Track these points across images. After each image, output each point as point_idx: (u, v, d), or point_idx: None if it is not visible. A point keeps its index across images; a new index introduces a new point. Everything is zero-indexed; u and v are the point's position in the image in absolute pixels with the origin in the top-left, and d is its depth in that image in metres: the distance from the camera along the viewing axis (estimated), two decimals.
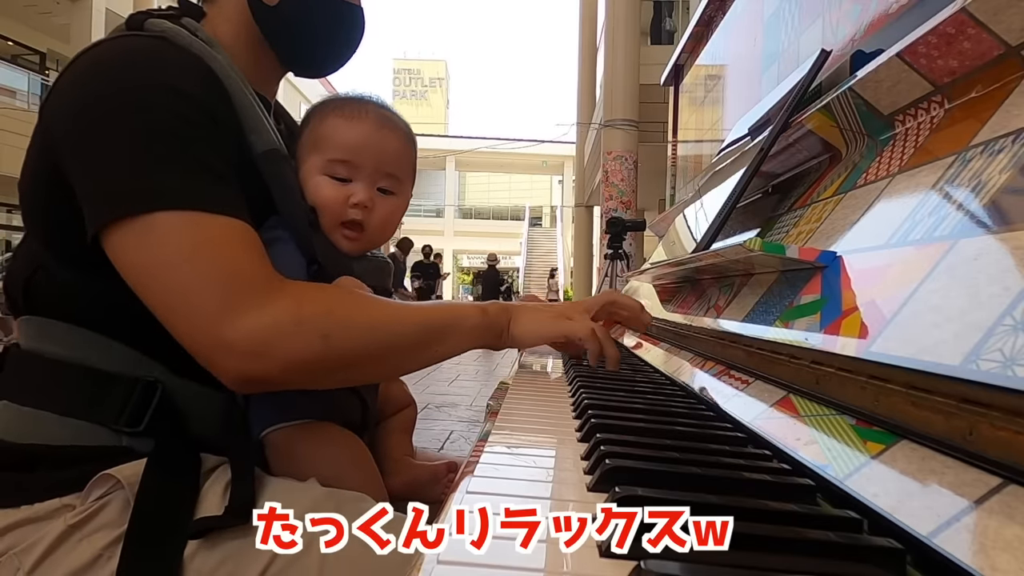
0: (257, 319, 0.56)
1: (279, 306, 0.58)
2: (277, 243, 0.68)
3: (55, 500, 0.59)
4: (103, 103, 0.58)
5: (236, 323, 0.56)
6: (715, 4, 1.61)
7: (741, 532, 0.28)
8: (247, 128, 0.67)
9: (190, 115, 0.60)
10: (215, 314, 0.56)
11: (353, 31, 0.78)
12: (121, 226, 0.56)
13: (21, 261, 0.65)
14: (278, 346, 0.57)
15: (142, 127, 0.58)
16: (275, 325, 0.57)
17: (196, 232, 0.57)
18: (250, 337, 0.56)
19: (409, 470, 0.82)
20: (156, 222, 0.56)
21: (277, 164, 0.68)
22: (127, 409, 0.61)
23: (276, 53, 0.75)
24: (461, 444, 3.13)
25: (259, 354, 0.56)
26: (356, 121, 0.73)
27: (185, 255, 0.56)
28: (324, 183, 0.72)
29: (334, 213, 0.72)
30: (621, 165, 6.44)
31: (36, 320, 0.64)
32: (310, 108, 0.79)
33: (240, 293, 0.57)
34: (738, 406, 0.53)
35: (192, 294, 0.56)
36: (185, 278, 0.56)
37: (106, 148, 0.58)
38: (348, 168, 0.72)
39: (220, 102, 0.64)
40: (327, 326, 0.59)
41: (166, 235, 0.56)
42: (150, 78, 0.60)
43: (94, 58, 0.61)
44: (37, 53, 13.37)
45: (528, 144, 28.50)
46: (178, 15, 0.68)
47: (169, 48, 0.63)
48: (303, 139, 0.75)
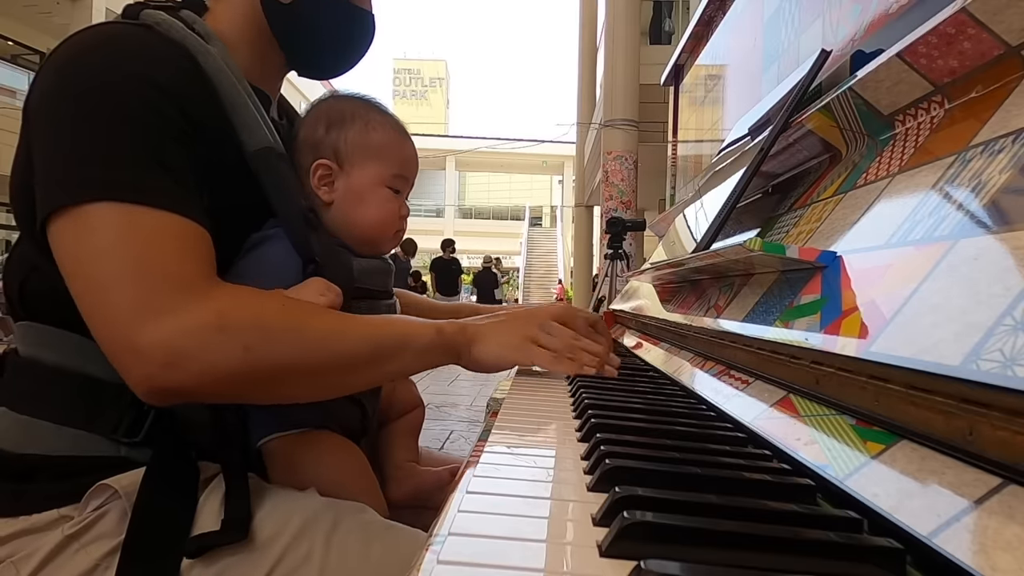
0: (172, 325, 0.52)
1: (199, 312, 0.53)
2: (271, 241, 0.67)
3: (53, 511, 0.58)
4: (67, 88, 0.57)
5: (149, 327, 0.52)
6: (715, 4, 1.61)
7: (741, 532, 0.28)
8: (238, 126, 0.65)
9: (159, 108, 0.57)
10: (128, 315, 0.52)
11: (363, 36, 0.77)
12: (60, 215, 0.54)
13: (16, 264, 0.63)
14: (193, 356, 0.52)
15: (104, 116, 0.56)
16: (191, 333, 0.52)
17: (127, 225, 0.54)
18: (162, 344, 0.52)
19: (414, 478, 0.81)
20: (90, 212, 0.53)
21: (270, 162, 0.66)
22: (125, 419, 0.60)
23: (284, 52, 0.74)
24: (461, 444, 3.13)
25: (171, 364, 0.52)
26: (404, 136, 0.77)
27: (109, 248, 0.53)
28: (389, 196, 0.75)
29: (393, 225, 0.76)
30: (621, 165, 6.43)
31: (33, 326, 0.62)
32: (331, 104, 0.76)
33: (158, 294, 0.53)
34: (738, 406, 0.53)
35: (108, 290, 0.52)
36: (104, 272, 0.53)
37: (62, 135, 0.56)
38: (402, 182, 0.76)
39: (202, 100, 0.62)
40: (250, 337, 0.54)
41: (96, 226, 0.53)
42: (124, 67, 0.58)
43: (73, 45, 0.60)
44: (37, 53, 13.36)
45: (528, 144, 28.49)
46: (177, 8, 0.67)
47: (151, 38, 0.61)
48: (346, 141, 0.73)
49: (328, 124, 0.74)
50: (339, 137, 0.73)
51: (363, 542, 0.59)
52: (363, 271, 0.73)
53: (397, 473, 0.81)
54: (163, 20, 0.63)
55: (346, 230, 0.74)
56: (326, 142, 0.73)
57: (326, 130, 0.73)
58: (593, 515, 0.33)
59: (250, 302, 0.58)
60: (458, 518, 0.32)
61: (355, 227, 0.74)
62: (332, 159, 0.73)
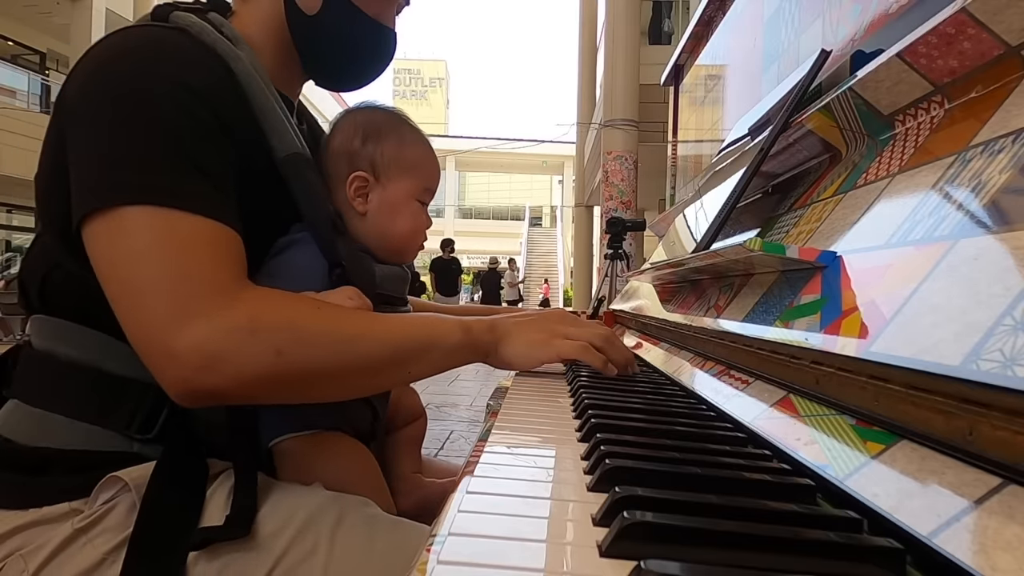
0: (207, 328, 0.53)
1: (232, 316, 0.54)
2: (298, 245, 0.68)
3: (64, 504, 0.58)
4: (105, 90, 0.57)
5: (184, 331, 0.52)
6: (715, 4, 1.61)
7: (741, 532, 0.28)
8: (268, 131, 0.65)
9: (192, 111, 0.58)
10: (164, 319, 0.53)
11: (384, 54, 0.78)
12: (95, 218, 0.55)
13: (37, 258, 0.63)
14: (227, 359, 0.53)
15: (142, 120, 0.56)
16: (225, 336, 0.53)
17: (162, 230, 0.54)
18: (197, 348, 0.52)
19: (419, 489, 0.81)
20: (126, 216, 0.54)
21: (299, 168, 0.67)
22: (139, 415, 0.60)
23: (303, 62, 0.74)
24: (461, 444, 3.13)
25: (205, 367, 0.52)
26: (432, 151, 0.79)
27: (145, 252, 0.54)
28: (419, 209, 0.77)
29: (421, 237, 0.78)
30: (621, 165, 6.44)
31: (51, 320, 0.63)
32: (366, 115, 0.77)
33: (193, 298, 0.53)
34: (738, 406, 0.53)
35: (144, 294, 0.53)
36: (140, 276, 0.53)
37: (100, 138, 0.56)
38: (430, 195, 0.79)
39: (235, 102, 0.63)
40: (282, 340, 0.55)
41: (132, 230, 0.54)
42: (161, 70, 0.58)
43: (109, 47, 0.60)
44: (37, 53, 13.38)
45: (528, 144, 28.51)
46: (205, 9, 0.67)
47: (186, 42, 0.62)
48: (383, 155, 0.74)
49: (364, 136, 0.75)
50: (376, 151, 0.74)
51: (367, 536, 0.59)
52: (384, 277, 0.74)
53: (402, 485, 0.81)
54: (194, 23, 0.63)
55: (377, 240, 0.75)
56: (362, 154, 0.74)
57: (362, 142, 0.75)
58: (593, 515, 0.33)
59: (282, 305, 0.58)
60: (458, 518, 0.32)
61: (387, 238, 0.76)
62: (368, 172, 0.74)
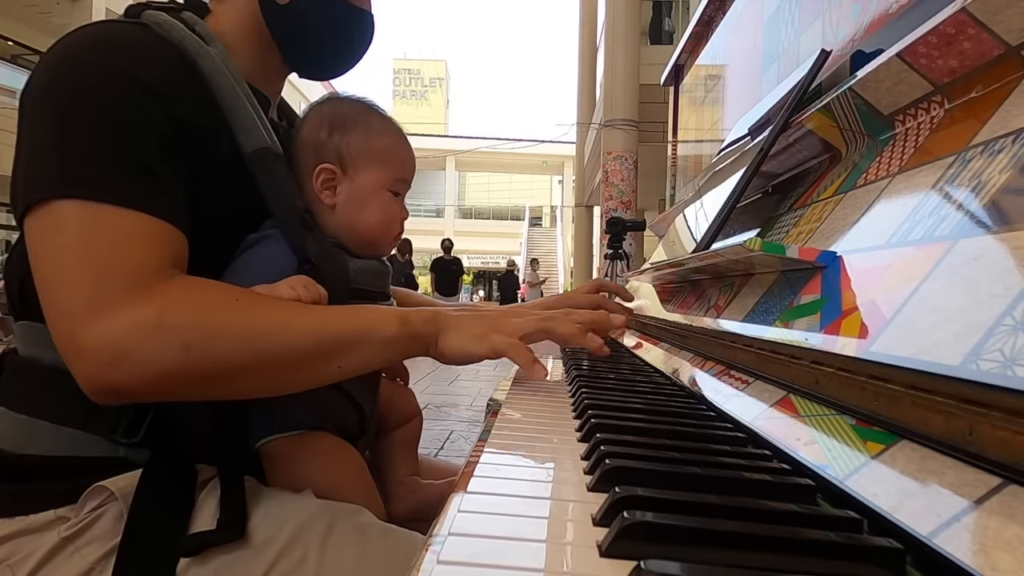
0: (114, 323, 0.51)
1: (140, 311, 0.52)
2: (267, 241, 0.67)
3: (50, 512, 0.58)
4: (52, 86, 0.56)
5: (93, 326, 0.51)
6: (715, 4, 1.61)
7: (741, 532, 0.28)
8: (236, 127, 0.64)
9: (142, 107, 0.57)
10: (77, 313, 0.51)
11: (362, 37, 0.77)
12: (32, 213, 0.54)
13: (16, 264, 0.63)
14: (131, 355, 0.51)
15: (84, 114, 0.55)
16: (130, 332, 0.52)
17: (88, 223, 0.53)
18: (103, 343, 0.51)
19: (416, 493, 0.80)
20: (55, 210, 0.53)
21: (266, 163, 0.66)
22: (124, 420, 0.60)
23: (282, 53, 0.73)
24: (461, 444, 3.13)
25: (111, 363, 0.51)
26: (404, 140, 0.77)
27: (69, 246, 0.52)
28: (391, 200, 0.75)
29: (394, 228, 0.76)
30: (621, 165, 6.44)
31: (33, 326, 0.62)
32: (332, 106, 0.76)
33: (106, 293, 0.52)
34: (738, 406, 0.53)
35: (62, 288, 0.52)
36: (61, 270, 0.52)
37: (39, 130, 0.56)
38: (403, 185, 0.77)
39: (192, 98, 0.62)
40: (189, 335, 0.53)
41: (61, 224, 0.53)
42: (109, 65, 0.57)
43: (64, 43, 0.59)
44: (37, 53, 13.36)
45: (528, 144, 28.52)
46: (178, 9, 0.67)
47: (144, 36, 0.61)
48: (349, 145, 0.73)
49: (331, 127, 0.73)
50: (342, 141, 0.73)
51: (359, 544, 0.59)
52: (359, 271, 0.73)
53: (399, 489, 0.80)
54: (163, 21, 0.63)
55: (348, 233, 0.74)
56: (328, 146, 0.73)
57: (328, 133, 0.73)
58: (593, 515, 0.33)
59: (197, 299, 0.56)
60: (458, 518, 0.32)
61: (357, 230, 0.74)
62: (335, 163, 0.72)
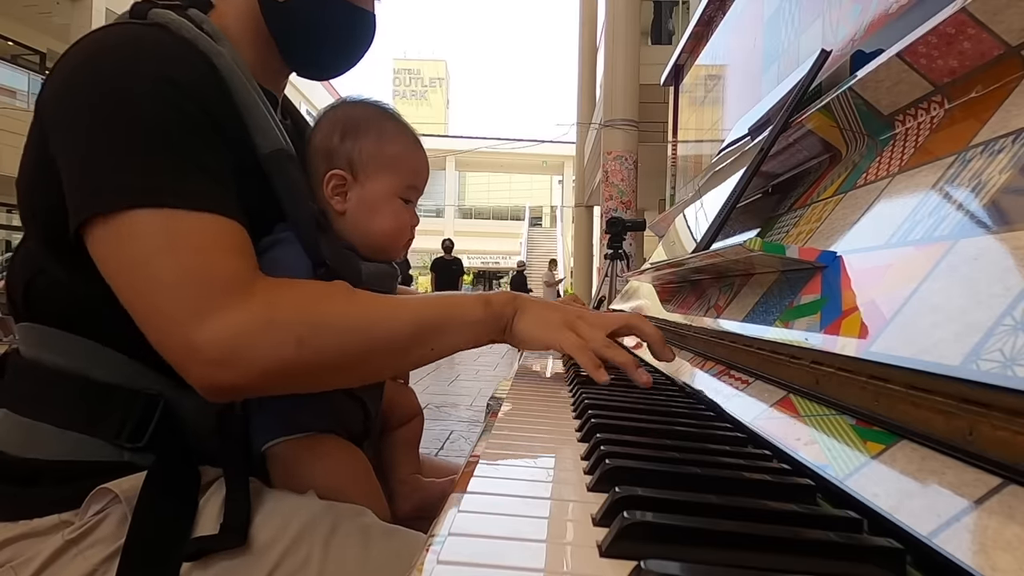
0: (224, 324, 0.53)
1: (248, 310, 0.54)
2: (282, 245, 0.67)
3: (54, 516, 0.58)
4: (92, 92, 0.56)
5: (203, 328, 0.53)
6: (715, 4, 1.61)
7: (741, 532, 0.28)
8: (252, 127, 0.64)
9: (182, 107, 0.57)
10: (183, 318, 0.53)
11: (362, 36, 0.76)
12: (99, 222, 0.54)
13: (20, 264, 0.63)
14: (247, 353, 0.53)
15: (129, 119, 0.55)
16: (243, 331, 0.53)
17: (171, 230, 0.54)
18: (217, 343, 0.53)
19: (418, 492, 0.80)
20: (132, 219, 0.54)
21: (282, 164, 0.65)
22: (129, 423, 0.59)
23: (281, 52, 0.72)
24: (461, 444, 3.13)
25: (227, 361, 0.53)
26: (417, 146, 0.77)
27: (156, 254, 0.54)
28: (402, 207, 0.75)
29: (404, 235, 0.76)
30: (621, 165, 6.44)
31: (36, 327, 0.62)
32: (346, 110, 0.75)
33: (209, 296, 0.53)
34: (738, 406, 0.53)
35: (160, 296, 0.53)
36: (154, 279, 0.53)
37: (90, 140, 0.55)
38: (414, 192, 0.76)
39: (219, 98, 0.62)
40: (300, 330, 0.55)
41: (140, 233, 0.54)
42: (143, 68, 0.57)
43: (89, 45, 0.59)
44: (37, 53, 13.37)
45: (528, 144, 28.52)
46: (184, 6, 0.66)
47: (168, 38, 0.61)
48: (361, 152, 0.72)
49: (343, 133, 0.73)
50: (353, 147, 0.72)
51: (362, 545, 0.59)
52: (371, 274, 0.73)
53: (402, 488, 0.80)
54: (173, 19, 0.62)
55: (358, 239, 0.74)
56: (340, 152, 0.72)
57: (341, 139, 0.72)
58: (593, 515, 0.33)
59: (294, 296, 0.58)
60: (458, 518, 0.32)
61: (368, 237, 0.74)
62: (346, 170, 0.72)
